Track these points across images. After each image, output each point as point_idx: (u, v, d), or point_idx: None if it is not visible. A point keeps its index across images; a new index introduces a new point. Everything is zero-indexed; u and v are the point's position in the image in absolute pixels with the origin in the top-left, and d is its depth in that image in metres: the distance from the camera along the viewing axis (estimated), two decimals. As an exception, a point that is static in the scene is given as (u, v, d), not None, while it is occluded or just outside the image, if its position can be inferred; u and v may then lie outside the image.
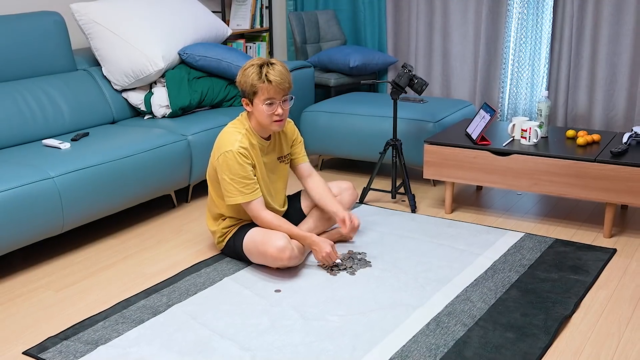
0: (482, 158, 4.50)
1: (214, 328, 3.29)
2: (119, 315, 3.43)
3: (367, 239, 4.32)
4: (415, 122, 5.17)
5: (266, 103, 3.70)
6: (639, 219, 4.60)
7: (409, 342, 3.14)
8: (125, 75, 5.04)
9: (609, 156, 4.20)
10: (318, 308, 3.47)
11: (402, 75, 4.63)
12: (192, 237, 4.39)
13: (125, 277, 3.87)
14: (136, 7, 5.16)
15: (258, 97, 3.70)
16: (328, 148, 5.49)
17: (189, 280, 3.79)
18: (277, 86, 3.68)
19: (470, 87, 6.32)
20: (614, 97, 5.69)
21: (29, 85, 4.67)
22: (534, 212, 4.77)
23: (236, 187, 3.73)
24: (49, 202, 3.89)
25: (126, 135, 4.63)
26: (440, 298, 3.56)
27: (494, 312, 3.41)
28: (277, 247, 3.70)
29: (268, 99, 3.69)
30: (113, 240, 4.37)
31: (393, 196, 4.98)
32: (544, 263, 3.93)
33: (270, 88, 3.67)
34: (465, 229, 4.47)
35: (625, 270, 3.87)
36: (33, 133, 4.56)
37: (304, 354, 3.06)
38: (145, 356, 3.07)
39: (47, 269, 3.99)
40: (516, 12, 6.06)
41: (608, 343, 3.15)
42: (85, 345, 3.16)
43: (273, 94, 3.69)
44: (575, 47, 5.77)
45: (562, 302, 3.49)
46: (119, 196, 4.32)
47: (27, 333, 3.30)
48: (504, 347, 3.09)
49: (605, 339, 3.19)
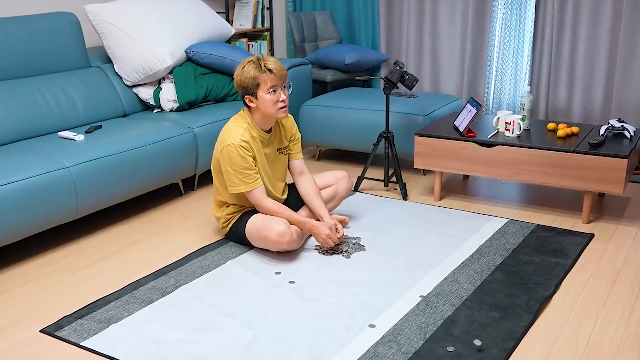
0: (469, 149, 4.49)
1: (218, 308, 3.29)
2: (129, 296, 3.42)
3: (362, 224, 4.31)
4: (406, 115, 5.16)
5: (270, 91, 3.71)
6: (615, 206, 4.59)
7: (400, 321, 3.14)
8: (136, 72, 5.03)
9: (587, 147, 4.20)
10: (316, 289, 3.47)
11: (394, 72, 4.62)
12: (198, 223, 4.39)
13: (136, 260, 3.87)
14: (146, 9, 5.15)
15: (261, 88, 3.71)
16: (325, 140, 5.49)
17: (195, 263, 3.79)
18: (277, 73, 3.71)
19: (458, 82, 6.32)
20: (592, 92, 5.69)
21: (45, 81, 4.66)
22: (517, 199, 4.76)
23: (239, 178, 3.73)
24: (65, 190, 3.89)
25: (136, 127, 4.62)
26: (429, 280, 3.55)
27: (479, 292, 3.40)
28: (277, 232, 3.70)
29: (271, 87, 3.71)
30: (124, 226, 4.37)
31: (386, 185, 4.97)
32: (527, 247, 3.93)
33: (272, 76, 3.70)
34: (453, 215, 4.46)
35: (602, 253, 3.86)
36: (49, 126, 4.55)
37: (302, 332, 3.06)
38: (155, 334, 3.07)
39: (62, 253, 3.98)
40: (500, 13, 6.05)
41: (586, 322, 3.14)
42: (98, 324, 3.15)
43: (275, 82, 3.71)
44: (555, 45, 5.76)
45: (543, 283, 3.48)
46: (130, 185, 4.31)
47: (44, 312, 3.30)
48: (489, 326, 3.09)
49: (584, 317, 3.18)
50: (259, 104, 3.76)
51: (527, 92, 4.59)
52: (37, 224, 3.80)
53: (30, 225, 3.76)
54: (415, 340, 2.98)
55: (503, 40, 6.09)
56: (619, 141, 4.34)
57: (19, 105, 4.41)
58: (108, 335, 3.06)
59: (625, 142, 4.31)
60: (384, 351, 2.90)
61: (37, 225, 3.80)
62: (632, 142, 4.32)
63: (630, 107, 5.53)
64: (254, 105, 3.79)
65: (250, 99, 3.77)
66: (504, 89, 6.19)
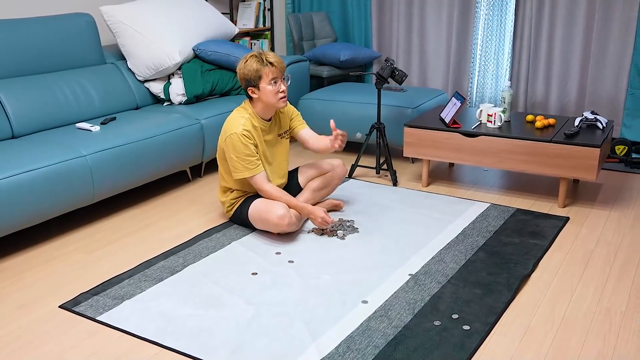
0: (454, 139, 4.47)
1: (223, 285, 3.28)
2: (141, 274, 3.41)
3: (355, 208, 4.29)
4: (397, 108, 5.14)
5: (271, 82, 3.73)
6: (588, 192, 4.58)
7: (390, 298, 3.13)
8: (147, 68, 5.01)
9: (563, 137, 4.19)
10: (313, 268, 3.46)
11: (385, 68, 4.60)
12: (205, 207, 4.37)
13: (147, 241, 3.86)
14: (157, 10, 5.13)
15: (263, 80, 3.73)
16: (322, 130, 5.45)
17: (201, 244, 3.77)
18: (278, 65, 3.75)
19: (444, 78, 6.31)
20: (567, 87, 5.67)
21: (64, 77, 4.64)
22: (498, 185, 4.74)
23: (242, 164, 3.73)
24: (82, 177, 3.88)
25: (148, 119, 4.60)
26: (417, 259, 3.54)
27: (464, 271, 3.39)
28: (277, 215, 3.70)
29: (272, 79, 3.73)
30: (136, 210, 4.35)
31: (377, 172, 4.95)
32: (507, 229, 3.91)
33: (273, 69, 3.73)
34: (439, 200, 4.44)
35: (576, 235, 3.85)
36: (68, 117, 4.53)
37: (301, 308, 3.05)
38: (165, 309, 3.05)
39: (80, 235, 3.97)
40: (483, 14, 6.02)
41: (562, 298, 3.14)
42: (112, 300, 3.14)
43: (276, 74, 3.74)
44: (533, 44, 5.74)
45: (522, 262, 3.47)
46: (142, 172, 4.30)
47: (63, 289, 3.29)
48: (473, 302, 3.08)
49: (560, 294, 3.17)
50: (261, 95, 3.76)
51: (508, 87, 4.58)
52: (57, 207, 3.79)
53: (50, 209, 3.76)
54: (405, 315, 2.97)
55: (485, 39, 6.06)
56: (592, 132, 4.32)
57: (40, 98, 4.40)
58: (122, 311, 3.05)
59: (597, 133, 4.29)
60: (376, 325, 2.89)
61: (56, 209, 3.80)
62: (604, 132, 4.30)
63: (603, 100, 5.52)
64: (256, 97, 3.79)
65: (253, 90, 3.77)
66: (486, 83, 6.17)
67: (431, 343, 2.76)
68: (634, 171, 5.01)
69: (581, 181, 4.81)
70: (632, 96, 5.31)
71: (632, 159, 5.12)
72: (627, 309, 3.03)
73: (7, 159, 3.68)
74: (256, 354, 2.70)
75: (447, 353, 2.69)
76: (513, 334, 2.84)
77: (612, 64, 5.42)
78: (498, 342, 2.79)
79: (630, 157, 5.15)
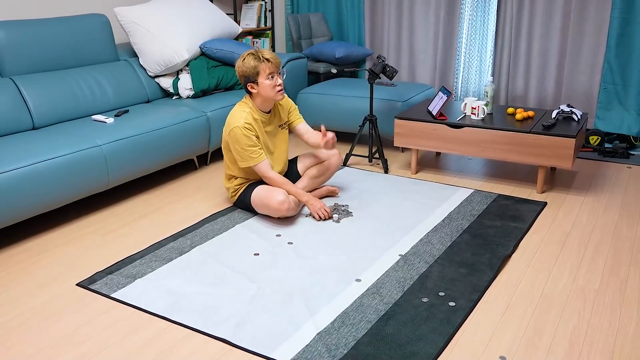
0: (441, 130, 4.45)
1: (228, 264, 3.26)
2: (152, 255, 3.39)
3: (349, 194, 4.27)
4: (388, 101, 5.12)
5: (269, 77, 3.72)
6: (564, 179, 4.56)
7: (382, 276, 3.12)
8: (157, 64, 4.98)
9: (541, 128, 4.17)
10: (310, 249, 3.44)
11: (377, 65, 4.57)
12: (211, 193, 4.35)
13: (157, 224, 3.84)
14: (166, 11, 5.10)
15: (261, 75, 3.72)
16: (318, 122, 5.44)
17: (208, 226, 3.76)
18: (274, 61, 3.74)
19: (431, 73, 6.28)
20: (545, 82, 5.65)
21: (81, 73, 4.61)
22: (481, 173, 4.73)
23: (246, 154, 3.73)
24: (97, 165, 3.87)
25: (158, 112, 4.57)
26: (407, 241, 3.53)
27: (449, 252, 3.38)
28: (278, 200, 3.70)
29: (269, 74, 3.72)
30: (147, 195, 4.33)
31: (370, 160, 4.93)
32: (489, 213, 3.90)
33: (269, 65, 3.73)
34: (427, 186, 4.42)
35: (553, 219, 3.84)
36: (84, 110, 4.51)
37: (299, 286, 3.04)
38: (174, 287, 3.04)
39: (95, 218, 3.96)
40: (467, 15, 5.99)
41: (540, 276, 3.12)
42: (125, 278, 3.13)
43: (272, 69, 3.73)
44: (514, 42, 5.71)
45: (504, 244, 3.46)
46: (152, 160, 4.28)
47: (80, 269, 3.28)
48: (458, 280, 3.07)
49: (538, 273, 3.16)
50: (259, 90, 3.75)
51: (490, 82, 4.57)
52: (74, 193, 3.78)
53: (68, 195, 3.74)
54: (395, 292, 2.95)
55: (469, 37, 6.03)
56: (568, 123, 4.30)
57: (59, 93, 4.38)
58: (134, 288, 3.04)
59: (573, 124, 4.27)
60: (368, 301, 2.88)
61: (74, 195, 3.79)
62: (579, 124, 4.28)
63: (578, 94, 5.50)
64: (255, 91, 3.78)
65: (252, 85, 3.76)
66: (470, 79, 6.14)
67: (419, 318, 2.74)
68: (606, 160, 4.99)
69: (558, 169, 4.79)
70: (604, 90, 5.29)
71: (604, 149, 5.11)
72: (600, 287, 3.02)
73: (28, 148, 3.68)
74: (258, 328, 2.69)
75: (434, 327, 2.68)
76: (495, 310, 2.83)
77: (586, 60, 5.40)
78: (481, 317, 2.77)
79: (603, 147, 5.14)
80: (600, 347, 2.56)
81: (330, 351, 2.52)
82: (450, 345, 2.58)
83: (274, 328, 2.69)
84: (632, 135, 5.22)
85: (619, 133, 5.28)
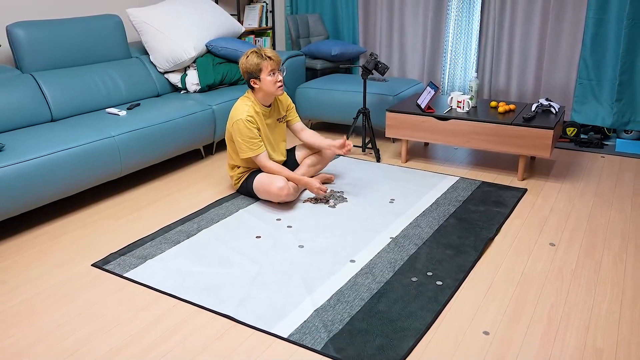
0: (429, 122, 4.42)
1: (231, 247, 3.25)
2: (161, 237, 3.37)
3: (344, 181, 4.25)
4: (380, 95, 5.09)
5: (270, 74, 3.70)
6: (543, 167, 4.54)
7: (374, 257, 3.11)
8: (167, 61, 4.95)
9: (522, 121, 4.15)
10: (308, 232, 3.42)
11: (369, 62, 4.55)
12: (216, 180, 4.33)
13: (166, 209, 3.82)
14: (175, 11, 5.06)
15: (263, 72, 3.70)
16: (316, 114, 5.42)
17: (213, 211, 3.73)
18: (275, 59, 3.72)
19: (420, 70, 6.26)
20: (525, 77, 5.63)
21: (96, 69, 4.58)
22: (466, 162, 4.71)
23: (246, 146, 3.71)
24: (111, 154, 3.85)
25: (167, 105, 4.54)
26: (397, 225, 3.51)
27: (437, 235, 3.36)
28: (278, 186, 3.69)
29: (271, 70, 3.70)
30: (157, 183, 4.31)
31: (363, 150, 4.91)
32: (474, 199, 3.88)
33: (271, 62, 3.70)
34: (416, 174, 4.40)
35: (533, 204, 3.82)
36: (99, 104, 4.48)
37: (297, 266, 3.03)
38: (182, 267, 3.03)
39: (109, 204, 3.93)
40: (453, 16, 5.96)
41: (521, 258, 3.11)
42: (137, 259, 3.11)
43: (274, 66, 3.71)
44: (496, 41, 5.69)
45: (487, 227, 3.44)
46: (162, 150, 4.26)
47: (94, 250, 3.26)
48: (444, 261, 3.05)
49: (519, 254, 3.15)
50: (261, 85, 3.73)
51: (474, 77, 4.56)
52: (90, 180, 3.77)
53: (84, 182, 3.73)
54: (386, 272, 2.94)
55: (455, 36, 6.00)
56: (546, 116, 4.28)
57: (75, 87, 4.35)
58: (145, 269, 3.02)
59: (551, 117, 4.25)
60: (362, 281, 2.86)
61: (89, 182, 3.77)
62: (557, 116, 4.26)
63: (556, 89, 5.48)
64: (257, 87, 3.75)
65: (255, 81, 3.74)
66: (456, 74, 6.12)
67: (409, 296, 2.73)
68: (582, 150, 4.97)
69: (537, 158, 4.77)
70: (580, 85, 5.27)
71: (580, 139, 5.09)
72: (576, 268, 3.01)
73: (47, 139, 3.66)
74: (259, 305, 2.67)
75: (422, 304, 2.66)
76: (479, 289, 2.82)
77: (563, 58, 5.37)
78: (466, 295, 2.76)
79: (579, 138, 5.13)
80: (576, 322, 2.55)
81: (327, 326, 2.51)
82: (438, 321, 2.57)
83: (274, 305, 2.67)
84: (606, 126, 5.21)
85: (593, 125, 5.27)
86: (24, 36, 4.18)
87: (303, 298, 2.74)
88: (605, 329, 2.51)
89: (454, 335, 2.47)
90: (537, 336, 2.46)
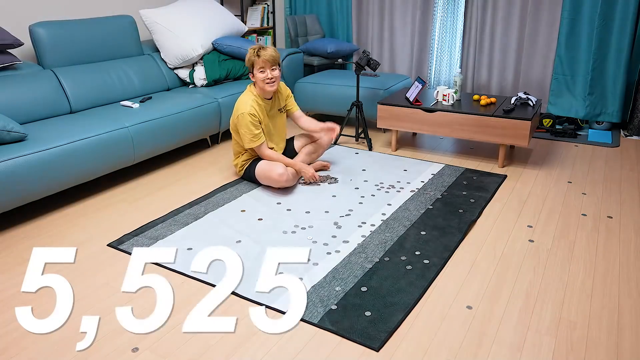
0: (417, 114, 4.38)
1: (236, 228, 3.22)
2: (171, 220, 3.34)
3: (339, 168, 4.22)
4: (372, 89, 5.05)
5: (259, 71, 3.66)
6: (522, 155, 4.51)
7: (367, 237, 3.08)
8: (176, 58, 4.90)
9: (502, 112, 4.12)
10: (306, 215, 3.39)
11: (362, 58, 4.51)
12: (221, 167, 4.29)
13: (175, 194, 3.79)
14: (184, 13, 5.01)
15: (255, 67, 3.68)
16: (313, 107, 5.39)
17: (219, 196, 3.70)
18: (263, 57, 3.65)
19: (408, 66, 6.22)
20: (505, 73, 5.59)
21: (111, 65, 4.53)
22: (451, 150, 4.67)
23: (249, 137, 3.69)
24: (125, 143, 3.82)
25: (177, 98, 4.50)
26: (388, 208, 3.48)
27: (424, 217, 3.33)
28: (278, 173, 3.67)
29: (260, 68, 3.66)
30: (168, 169, 4.27)
31: (356, 139, 4.87)
32: (458, 184, 3.85)
33: (259, 60, 3.66)
34: (405, 161, 4.37)
35: (512, 189, 3.79)
36: (114, 97, 4.44)
37: (296, 246, 3.00)
38: (190, 247, 2.99)
39: (123, 189, 3.90)
40: (439, 16, 5.91)
41: (501, 238, 3.09)
42: (149, 240, 3.08)
43: (262, 64, 3.66)
44: (479, 39, 5.65)
45: (470, 210, 3.41)
46: (172, 139, 4.22)
47: (110, 231, 3.23)
48: (431, 241, 3.02)
49: (499, 236, 3.12)
50: (255, 79, 3.72)
51: (459, 73, 4.53)
52: (105, 167, 3.73)
53: (100, 169, 3.69)
54: (378, 252, 2.91)
55: (441, 35, 5.96)
56: (524, 108, 4.24)
57: (93, 82, 4.31)
58: (156, 248, 2.99)
59: (529, 109, 4.21)
60: (355, 259, 2.84)
61: (105, 169, 3.74)
62: (534, 108, 4.23)
63: (533, 83, 5.45)
64: (254, 80, 3.74)
65: (251, 75, 3.73)
66: (442, 70, 6.08)
67: (399, 273, 2.71)
68: (557, 139, 4.94)
69: (516, 147, 4.73)
70: (556, 80, 5.23)
71: (556, 130, 5.06)
72: (552, 247, 2.98)
73: (66, 129, 3.63)
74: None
75: (411, 281, 2.64)
76: (463, 267, 2.79)
77: (540, 54, 5.34)
78: (451, 273, 2.74)
79: (554, 128, 5.09)
80: (552, 297, 2.52)
81: (323, 302, 2.48)
82: (425, 297, 2.54)
83: (274, 282, 2.65)
84: (579, 118, 5.18)
85: (568, 116, 5.24)
86: (45, 35, 4.14)
87: (301, 275, 2.71)
88: (578, 303, 2.49)
89: (439, 310, 2.45)
90: (516, 310, 2.44)
